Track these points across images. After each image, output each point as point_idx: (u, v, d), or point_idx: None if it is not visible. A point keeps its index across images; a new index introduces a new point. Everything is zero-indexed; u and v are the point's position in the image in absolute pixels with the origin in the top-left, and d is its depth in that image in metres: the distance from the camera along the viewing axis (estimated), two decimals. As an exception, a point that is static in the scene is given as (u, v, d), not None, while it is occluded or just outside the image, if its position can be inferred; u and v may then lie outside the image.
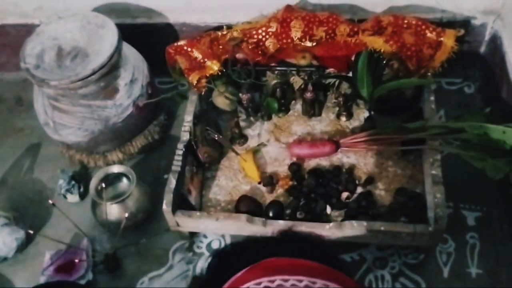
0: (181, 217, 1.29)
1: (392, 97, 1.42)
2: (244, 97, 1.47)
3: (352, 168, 1.41)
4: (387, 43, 1.34)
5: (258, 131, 1.52)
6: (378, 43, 1.34)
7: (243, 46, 1.45)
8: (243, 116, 1.54)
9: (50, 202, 1.35)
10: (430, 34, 1.38)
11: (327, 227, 1.23)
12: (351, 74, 1.42)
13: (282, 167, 1.44)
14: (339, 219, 1.31)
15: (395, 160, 1.42)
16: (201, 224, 1.31)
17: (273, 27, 1.43)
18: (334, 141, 1.43)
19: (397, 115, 1.45)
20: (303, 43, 1.42)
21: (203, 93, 1.47)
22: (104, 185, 1.39)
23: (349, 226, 1.22)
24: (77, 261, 1.35)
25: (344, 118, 1.51)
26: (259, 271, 0.65)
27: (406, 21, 1.40)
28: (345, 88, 1.49)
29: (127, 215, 1.35)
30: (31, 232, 1.40)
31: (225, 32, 1.48)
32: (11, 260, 1.41)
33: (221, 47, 1.46)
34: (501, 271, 1.29)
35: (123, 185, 1.45)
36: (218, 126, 1.51)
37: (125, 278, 1.37)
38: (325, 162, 1.44)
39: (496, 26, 1.50)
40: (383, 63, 1.38)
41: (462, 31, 1.40)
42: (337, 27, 1.40)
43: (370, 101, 1.41)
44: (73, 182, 1.49)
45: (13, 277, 1.40)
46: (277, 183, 1.41)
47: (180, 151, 1.36)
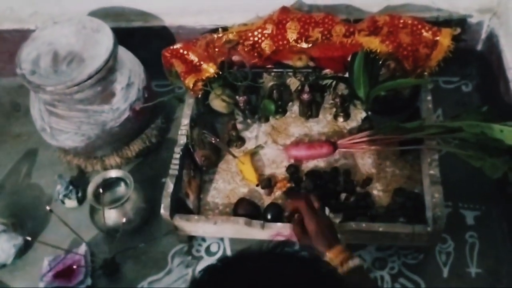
0: (179, 221, 1.29)
1: (389, 97, 1.42)
2: (241, 99, 1.47)
3: (350, 169, 1.41)
4: (383, 43, 1.34)
5: (255, 133, 1.52)
6: (374, 43, 1.34)
7: (239, 48, 1.45)
8: (240, 118, 1.54)
9: (48, 208, 1.35)
10: (426, 34, 1.38)
11: (326, 228, 1.22)
12: (347, 74, 1.42)
13: (280, 169, 1.44)
14: (338, 220, 1.31)
15: (393, 160, 1.41)
16: (199, 227, 1.31)
17: (269, 28, 1.43)
18: (331, 142, 1.42)
19: (394, 115, 1.45)
20: (299, 45, 1.42)
21: (199, 96, 1.47)
22: (101, 190, 1.39)
23: (347, 227, 1.22)
24: (75, 267, 1.35)
25: (341, 119, 1.51)
26: None
27: (402, 21, 1.39)
28: (342, 89, 1.48)
29: (125, 219, 1.34)
30: (29, 238, 1.39)
31: (220, 35, 1.47)
32: (10, 266, 1.41)
33: (217, 49, 1.46)
34: (501, 270, 1.28)
35: (121, 190, 1.45)
36: (215, 129, 1.50)
37: (124, 282, 1.36)
38: (322, 163, 1.43)
39: (492, 24, 1.50)
40: (380, 63, 1.37)
41: (458, 30, 1.39)
42: (333, 28, 1.40)
43: (367, 102, 1.40)
44: (71, 187, 1.49)
45: (12, 283, 1.40)
46: (275, 185, 1.40)
47: (177, 155, 1.36)
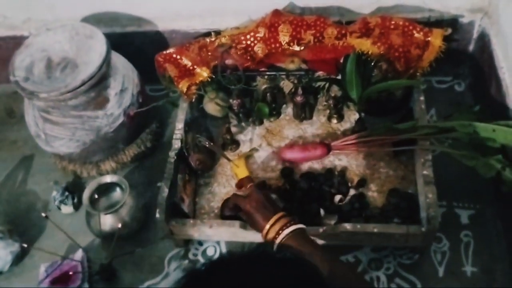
0: (175, 226, 1.29)
1: (382, 98, 1.42)
2: (235, 102, 1.47)
3: (344, 171, 1.41)
4: (374, 45, 1.35)
5: (249, 136, 1.52)
6: (365, 45, 1.34)
7: (232, 52, 1.45)
8: (234, 121, 1.54)
9: (44, 215, 1.35)
10: (418, 35, 1.38)
11: (321, 230, 1.23)
12: (340, 76, 1.43)
13: (275, 172, 1.44)
14: (333, 222, 1.31)
15: (387, 161, 1.42)
16: (195, 231, 1.31)
17: (261, 32, 1.44)
18: (325, 144, 1.43)
19: (387, 116, 1.46)
20: (291, 47, 1.42)
21: (193, 100, 1.47)
22: (97, 196, 1.39)
23: (342, 228, 1.23)
24: (72, 273, 1.35)
25: (335, 121, 1.51)
26: None
27: (393, 22, 1.40)
28: (335, 91, 1.49)
29: (121, 224, 1.35)
30: (26, 245, 1.40)
31: (213, 39, 1.48)
32: (6, 273, 1.41)
33: (210, 53, 1.46)
34: (496, 268, 1.29)
35: (116, 195, 1.45)
36: (209, 133, 1.51)
37: (122, 287, 1.36)
38: (317, 165, 1.44)
39: (483, 24, 1.50)
40: (372, 64, 1.38)
41: (450, 30, 1.40)
42: (324, 30, 1.40)
43: (360, 103, 1.41)
44: (66, 193, 1.49)
45: (9, 290, 1.40)
46: (270, 187, 1.41)
47: (172, 159, 1.36)
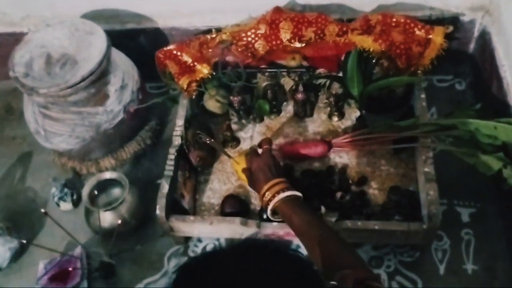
0: (175, 222, 1.29)
1: (382, 95, 1.42)
2: (235, 99, 1.47)
3: (345, 168, 1.41)
4: (376, 42, 1.34)
5: (250, 134, 1.52)
6: (367, 42, 1.34)
7: (232, 49, 1.45)
8: (234, 119, 1.54)
9: (43, 211, 1.34)
10: (419, 32, 1.38)
11: (322, 227, 1.22)
12: (341, 74, 1.42)
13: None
14: (334, 219, 1.31)
15: (388, 158, 1.42)
16: (195, 228, 1.30)
17: (262, 29, 1.43)
18: (326, 141, 1.42)
19: (388, 113, 1.45)
20: (292, 44, 1.42)
21: (194, 97, 1.46)
22: (96, 192, 1.39)
23: (343, 225, 1.22)
24: (71, 270, 1.35)
25: (336, 118, 1.51)
26: None
27: (394, 20, 1.40)
28: (336, 88, 1.48)
29: (120, 221, 1.34)
30: (25, 241, 1.39)
31: (214, 35, 1.47)
32: (5, 270, 1.40)
33: (210, 50, 1.46)
34: (497, 266, 1.29)
35: (116, 192, 1.44)
36: (210, 130, 1.50)
37: (121, 284, 1.36)
38: (317, 162, 1.43)
39: (484, 22, 1.50)
40: (373, 62, 1.38)
41: (451, 28, 1.40)
42: (326, 27, 1.40)
43: (361, 100, 1.40)
44: (65, 190, 1.48)
45: (8, 287, 1.39)
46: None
47: (172, 156, 1.36)
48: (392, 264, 1.31)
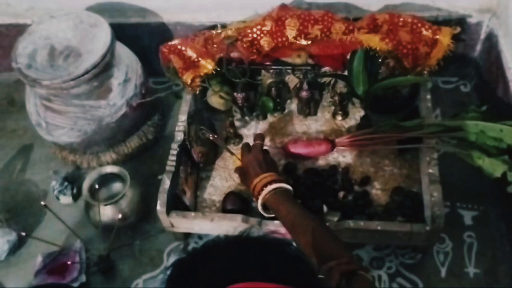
0: (176, 218, 1.28)
1: (388, 95, 1.41)
2: (239, 96, 1.46)
3: (348, 168, 1.40)
4: (382, 41, 1.33)
5: (253, 131, 1.51)
6: (373, 41, 1.33)
7: (237, 45, 1.44)
8: (238, 115, 1.53)
9: (42, 203, 1.34)
10: (426, 32, 1.37)
11: (323, 227, 1.21)
12: (346, 72, 1.41)
13: (278, 167, 1.43)
14: (336, 218, 1.30)
15: (392, 159, 1.41)
16: (195, 224, 1.30)
17: (268, 25, 1.42)
18: (330, 140, 1.41)
19: (393, 113, 1.44)
20: (298, 42, 1.41)
21: (197, 92, 1.45)
22: (97, 186, 1.38)
23: (345, 225, 1.21)
24: (70, 263, 1.34)
25: (340, 117, 1.50)
26: None
27: (401, 19, 1.39)
28: (341, 87, 1.48)
29: (120, 216, 1.33)
30: (24, 234, 1.38)
31: (219, 31, 1.46)
32: (3, 262, 1.40)
33: (215, 46, 1.44)
34: (499, 270, 1.28)
35: (116, 186, 1.44)
36: (212, 126, 1.49)
37: (119, 280, 1.35)
38: (321, 161, 1.42)
39: (491, 24, 1.49)
40: (379, 61, 1.37)
41: (458, 29, 1.39)
42: (332, 25, 1.39)
43: (366, 100, 1.40)
44: (66, 183, 1.48)
45: (5, 279, 1.38)
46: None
47: (174, 151, 1.35)
48: (393, 266, 1.30)
